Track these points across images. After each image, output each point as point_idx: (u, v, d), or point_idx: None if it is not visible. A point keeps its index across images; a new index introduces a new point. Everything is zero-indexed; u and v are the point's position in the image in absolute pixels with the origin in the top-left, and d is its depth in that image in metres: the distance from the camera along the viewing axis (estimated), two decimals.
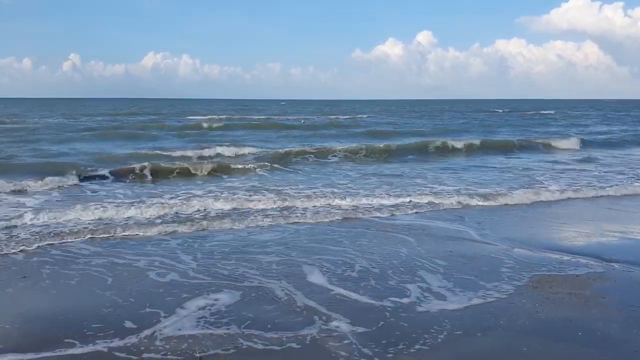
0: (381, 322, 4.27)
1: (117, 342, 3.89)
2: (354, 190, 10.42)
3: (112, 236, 6.92)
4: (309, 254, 6.15)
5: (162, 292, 4.93)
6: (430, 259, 5.99)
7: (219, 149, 17.04)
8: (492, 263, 5.89)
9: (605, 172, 13.78)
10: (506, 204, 9.37)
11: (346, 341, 3.93)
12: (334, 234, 7.14)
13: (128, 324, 4.22)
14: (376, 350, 3.80)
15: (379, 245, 6.61)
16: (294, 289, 5.01)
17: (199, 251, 6.27)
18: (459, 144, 19.75)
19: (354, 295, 4.87)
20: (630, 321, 4.32)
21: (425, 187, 10.94)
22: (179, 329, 4.11)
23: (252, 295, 4.86)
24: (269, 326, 4.18)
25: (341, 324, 4.22)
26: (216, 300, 4.73)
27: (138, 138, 22.32)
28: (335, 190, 10.44)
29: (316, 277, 5.35)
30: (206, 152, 16.58)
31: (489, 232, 7.33)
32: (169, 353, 3.75)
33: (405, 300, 4.75)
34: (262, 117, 42.38)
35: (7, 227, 7.12)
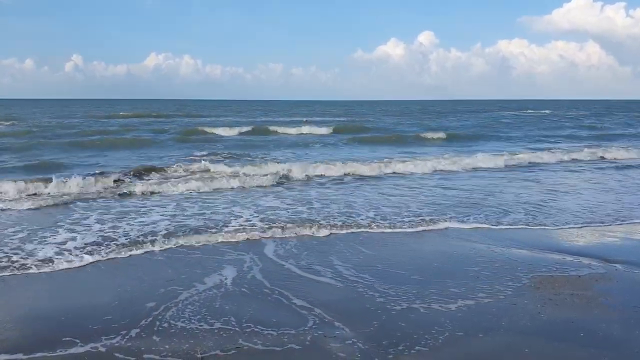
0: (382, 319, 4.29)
1: (118, 340, 3.92)
2: None
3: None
4: None
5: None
6: None
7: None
8: None
9: None
10: None
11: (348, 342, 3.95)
12: None
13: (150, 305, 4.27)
14: (374, 350, 3.82)
15: None
16: None
17: None
18: None
19: None
20: (631, 322, 4.31)
21: None
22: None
23: None
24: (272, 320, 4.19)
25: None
26: None
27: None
28: None
29: None
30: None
31: None
32: (170, 354, 3.76)
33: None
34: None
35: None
